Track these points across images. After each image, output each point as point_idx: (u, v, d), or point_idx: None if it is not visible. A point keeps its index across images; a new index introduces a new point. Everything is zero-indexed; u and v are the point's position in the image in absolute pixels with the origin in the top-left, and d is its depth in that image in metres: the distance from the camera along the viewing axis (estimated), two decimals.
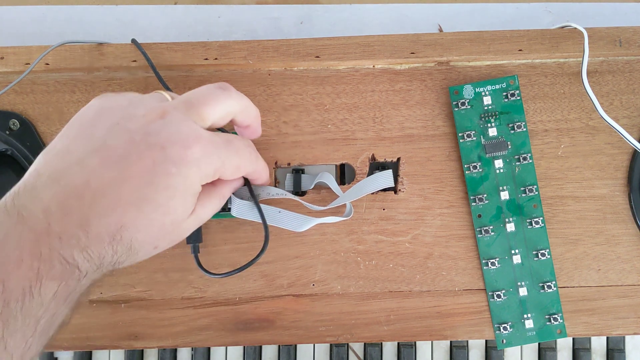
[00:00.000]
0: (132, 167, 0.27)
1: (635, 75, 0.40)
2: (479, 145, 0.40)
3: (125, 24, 0.49)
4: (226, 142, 0.31)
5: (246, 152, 0.33)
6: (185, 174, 0.28)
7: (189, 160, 0.28)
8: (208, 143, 0.29)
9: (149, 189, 0.28)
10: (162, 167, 0.28)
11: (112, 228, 0.27)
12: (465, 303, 0.40)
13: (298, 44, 0.40)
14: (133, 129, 0.28)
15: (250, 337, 0.40)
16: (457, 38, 0.40)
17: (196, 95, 0.31)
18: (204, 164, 0.29)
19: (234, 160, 0.31)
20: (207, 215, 0.33)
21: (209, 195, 0.33)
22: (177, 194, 0.29)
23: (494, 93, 0.40)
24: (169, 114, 0.29)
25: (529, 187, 0.40)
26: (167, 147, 0.28)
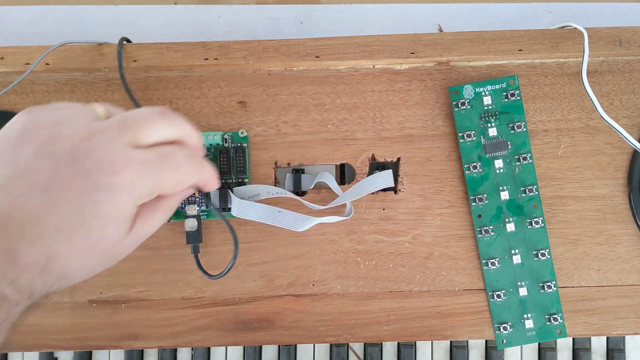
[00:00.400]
0: (60, 194, 0.26)
1: (635, 75, 0.40)
2: (479, 145, 0.40)
3: (125, 24, 0.49)
4: (161, 159, 0.29)
5: (186, 166, 0.30)
6: (116, 200, 0.27)
7: (118, 186, 0.27)
8: (139, 165, 0.28)
9: (78, 216, 0.26)
10: (90, 194, 0.26)
11: (42, 259, 0.26)
12: (465, 303, 0.40)
13: (298, 44, 0.40)
14: (59, 153, 0.26)
15: (250, 337, 0.40)
16: (457, 38, 0.40)
17: (133, 116, 0.29)
18: (137, 187, 0.28)
19: (171, 177, 0.29)
20: (151, 229, 0.31)
21: (152, 209, 0.31)
22: (108, 221, 0.27)
23: (494, 93, 0.40)
24: (96, 136, 0.27)
25: (529, 187, 0.40)
26: (94, 174, 0.26)
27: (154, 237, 0.39)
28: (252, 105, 0.40)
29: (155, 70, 0.40)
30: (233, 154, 0.40)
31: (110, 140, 0.27)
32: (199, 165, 0.31)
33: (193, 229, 0.39)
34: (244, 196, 0.39)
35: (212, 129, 0.40)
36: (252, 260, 0.40)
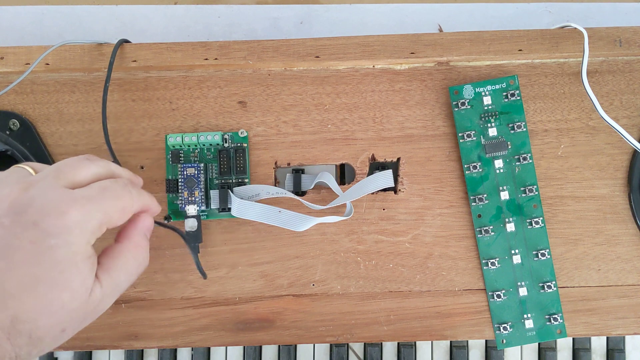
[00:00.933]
0: (11, 253, 0.26)
1: (635, 75, 0.40)
2: (479, 145, 0.40)
3: (125, 24, 0.49)
4: (102, 191, 0.29)
5: (126, 193, 0.31)
6: (70, 241, 0.27)
7: (68, 226, 0.27)
8: (83, 201, 0.28)
9: (35, 270, 0.26)
10: (42, 243, 0.26)
11: (7, 322, 0.25)
12: (465, 303, 0.40)
13: (298, 44, 0.40)
14: (1, 213, 0.27)
15: (250, 337, 0.40)
16: (457, 38, 0.40)
17: (63, 163, 0.30)
18: (86, 223, 0.28)
19: (115, 205, 0.30)
20: (125, 276, 0.31)
21: (115, 255, 0.31)
22: (67, 266, 0.27)
23: (494, 93, 0.40)
24: (33, 186, 0.28)
25: (529, 187, 0.40)
26: (41, 221, 0.26)
27: (154, 237, 0.39)
28: (252, 105, 0.40)
29: (155, 70, 0.40)
30: (233, 154, 0.40)
31: (49, 187, 0.28)
32: (137, 191, 0.32)
33: (193, 229, 0.39)
34: (244, 196, 0.39)
35: (212, 129, 0.40)
36: (253, 260, 0.40)
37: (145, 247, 0.33)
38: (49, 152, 0.40)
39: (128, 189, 0.31)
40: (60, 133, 0.40)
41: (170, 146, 0.40)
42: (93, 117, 0.40)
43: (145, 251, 0.33)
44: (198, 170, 0.39)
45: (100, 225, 0.29)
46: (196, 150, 0.40)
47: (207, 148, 0.40)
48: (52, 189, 0.28)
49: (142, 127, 0.40)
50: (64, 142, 0.40)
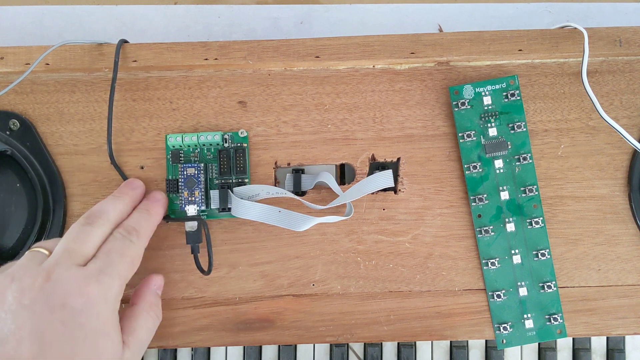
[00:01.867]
0: (47, 335, 0.29)
1: (635, 75, 0.40)
2: (479, 145, 0.40)
3: (125, 24, 0.49)
4: (108, 258, 0.32)
5: (127, 245, 0.34)
6: (96, 313, 0.30)
7: (92, 301, 0.30)
8: (98, 275, 0.31)
9: (70, 347, 0.29)
10: (73, 321, 0.29)
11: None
12: (465, 303, 0.40)
13: (298, 44, 0.40)
14: (29, 303, 0.29)
15: (250, 337, 0.40)
16: (457, 38, 0.40)
17: (71, 240, 0.33)
18: (107, 293, 0.31)
19: (126, 263, 0.33)
20: (146, 334, 0.35)
21: (134, 319, 0.34)
22: (98, 336, 0.30)
23: (494, 93, 0.40)
24: (53, 272, 0.31)
25: (529, 187, 0.40)
26: (67, 303, 0.30)
27: (154, 237, 0.39)
28: (252, 105, 0.40)
29: (155, 70, 0.40)
30: (233, 154, 0.40)
31: (65, 270, 0.31)
32: (136, 236, 0.35)
33: (193, 229, 0.39)
34: (244, 196, 0.39)
35: (212, 129, 0.40)
36: (253, 260, 0.40)
37: (158, 304, 0.37)
38: (49, 152, 0.40)
39: (127, 240, 0.34)
40: (61, 133, 0.40)
41: (170, 146, 0.40)
42: (94, 117, 0.40)
43: (158, 308, 0.37)
44: (198, 170, 0.39)
45: (120, 289, 0.32)
46: (196, 150, 0.40)
47: (207, 148, 0.40)
48: (69, 272, 0.31)
49: (143, 127, 0.40)
50: (64, 142, 0.40)
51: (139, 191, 0.38)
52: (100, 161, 0.40)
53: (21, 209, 0.40)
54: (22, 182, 0.40)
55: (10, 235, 0.40)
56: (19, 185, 0.40)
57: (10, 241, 0.40)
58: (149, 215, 0.37)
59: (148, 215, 0.37)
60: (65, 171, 0.40)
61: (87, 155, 0.40)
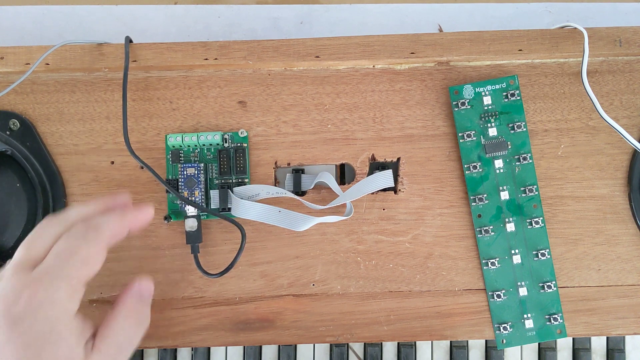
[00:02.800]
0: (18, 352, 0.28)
1: (635, 75, 0.40)
2: (479, 145, 0.40)
3: (125, 24, 0.49)
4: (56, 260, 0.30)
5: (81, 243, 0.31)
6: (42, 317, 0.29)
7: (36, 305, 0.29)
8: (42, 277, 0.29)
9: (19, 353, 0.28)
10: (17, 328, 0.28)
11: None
12: (465, 303, 0.40)
13: (298, 44, 0.40)
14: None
15: (250, 337, 0.40)
16: (457, 38, 0.40)
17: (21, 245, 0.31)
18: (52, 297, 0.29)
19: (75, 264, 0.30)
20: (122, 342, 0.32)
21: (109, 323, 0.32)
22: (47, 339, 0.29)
23: (494, 93, 0.40)
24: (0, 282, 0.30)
25: (529, 187, 0.40)
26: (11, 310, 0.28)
27: (154, 237, 0.39)
28: (252, 105, 0.40)
29: (155, 70, 0.40)
30: (233, 154, 0.40)
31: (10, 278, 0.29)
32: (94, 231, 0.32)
33: (193, 229, 0.39)
34: (244, 196, 0.39)
35: (212, 129, 0.40)
36: (253, 260, 0.40)
37: (140, 309, 0.34)
38: (49, 152, 0.40)
39: (80, 237, 0.31)
40: (61, 133, 0.40)
41: (170, 146, 0.40)
42: (94, 116, 0.40)
43: (141, 313, 0.34)
44: (198, 170, 0.39)
45: (70, 291, 0.30)
46: (196, 150, 0.40)
47: (207, 148, 0.40)
48: (13, 279, 0.29)
49: (143, 127, 0.40)
50: (64, 142, 0.40)
51: (119, 199, 0.35)
52: (100, 161, 0.40)
53: (21, 208, 0.40)
54: (22, 182, 0.40)
55: (10, 235, 0.40)
56: (19, 185, 0.40)
57: (10, 241, 0.40)
58: (120, 217, 0.34)
59: (119, 216, 0.34)
60: (65, 171, 0.40)
61: (87, 155, 0.40)
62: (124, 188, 0.40)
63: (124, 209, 0.34)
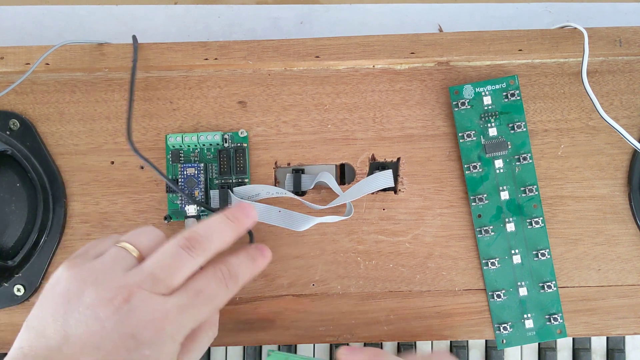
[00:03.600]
0: (109, 356, 0.28)
1: (635, 75, 0.40)
2: (479, 145, 0.40)
3: (125, 24, 0.49)
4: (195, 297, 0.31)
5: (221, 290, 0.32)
6: (160, 350, 0.29)
7: (161, 339, 0.29)
8: (177, 314, 0.30)
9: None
10: (137, 352, 0.29)
11: None
12: (465, 303, 0.40)
13: (298, 44, 0.40)
14: (103, 317, 0.29)
15: (250, 337, 0.40)
16: (457, 38, 0.40)
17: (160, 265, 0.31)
18: (178, 334, 0.30)
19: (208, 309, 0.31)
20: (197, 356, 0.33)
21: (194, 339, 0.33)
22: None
23: (494, 93, 0.40)
24: (133, 297, 0.29)
25: (529, 187, 0.40)
26: (138, 334, 0.29)
27: None
28: (252, 105, 0.40)
29: (155, 70, 0.40)
30: (233, 154, 0.40)
31: (145, 298, 0.29)
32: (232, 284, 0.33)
33: None
34: (244, 196, 0.39)
35: (212, 129, 0.40)
36: None
37: (216, 322, 0.35)
38: (49, 152, 0.40)
39: (222, 284, 0.32)
40: (61, 133, 0.40)
41: (170, 146, 0.40)
42: (94, 116, 0.40)
43: (216, 326, 0.35)
44: (198, 170, 0.39)
45: (192, 329, 0.31)
46: (196, 150, 0.40)
47: (207, 148, 0.40)
48: (148, 301, 0.29)
49: (143, 127, 0.40)
50: (64, 142, 0.40)
51: (250, 222, 0.35)
52: (100, 161, 0.40)
53: (21, 208, 0.40)
54: (22, 182, 0.40)
55: (10, 234, 0.40)
56: (19, 185, 0.40)
57: (10, 241, 0.40)
58: (253, 266, 0.34)
59: (253, 265, 0.34)
60: (65, 171, 0.40)
61: (87, 155, 0.40)
62: (124, 188, 0.40)
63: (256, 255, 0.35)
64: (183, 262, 0.31)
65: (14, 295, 0.39)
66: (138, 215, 0.40)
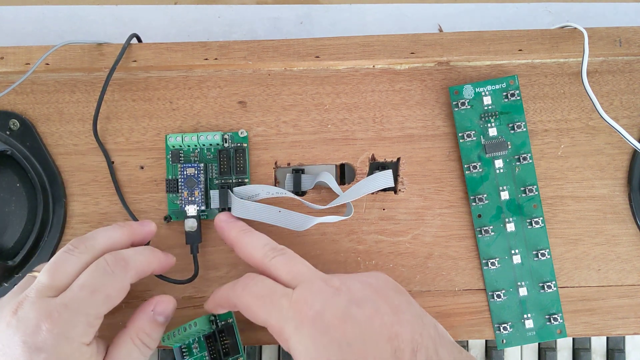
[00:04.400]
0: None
1: (635, 75, 0.40)
2: (479, 145, 0.40)
3: (125, 24, 0.49)
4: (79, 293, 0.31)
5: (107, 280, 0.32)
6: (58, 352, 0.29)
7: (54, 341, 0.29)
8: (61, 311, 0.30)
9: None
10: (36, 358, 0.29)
11: None
12: (465, 303, 0.40)
13: (298, 44, 0.40)
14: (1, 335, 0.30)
15: (250, 337, 0.40)
16: (457, 38, 0.40)
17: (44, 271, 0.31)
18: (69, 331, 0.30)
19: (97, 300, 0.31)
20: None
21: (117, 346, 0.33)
22: None
23: (494, 93, 0.40)
24: (20, 307, 0.30)
25: (529, 187, 0.40)
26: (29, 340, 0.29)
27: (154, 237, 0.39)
28: (252, 105, 0.40)
29: (155, 70, 0.40)
30: (233, 154, 0.40)
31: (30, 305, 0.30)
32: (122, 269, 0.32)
33: (193, 229, 0.39)
34: (244, 196, 0.39)
35: (212, 129, 0.40)
36: None
37: (151, 331, 0.34)
38: (49, 152, 0.40)
39: (107, 271, 0.32)
40: (61, 133, 0.40)
41: (170, 146, 0.40)
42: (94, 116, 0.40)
43: (150, 336, 0.34)
44: (198, 170, 0.39)
45: (87, 326, 0.31)
46: (196, 150, 0.40)
47: (207, 148, 0.40)
48: (34, 306, 0.30)
49: (143, 127, 0.40)
50: (64, 142, 0.40)
51: (146, 229, 0.36)
52: (100, 161, 0.40)
53: (21, 208, 0.40)
54: (22, 182, 0.40)
55: (10, 235, 0.40)
56: (19, 185, 0.40)
57: (10, 241, 0.40)
58: (149, 254, 0.34)
59: (149, 253, 0.34)
60: (65, 171, 0.40)
61: (87, 155, 0.40)
62: (124, 188, 0.40)
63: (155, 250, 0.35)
64: (64, 261, 0.32)
65: None
66: (138, 216, 0.40)
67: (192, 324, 0.35)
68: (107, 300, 0.32)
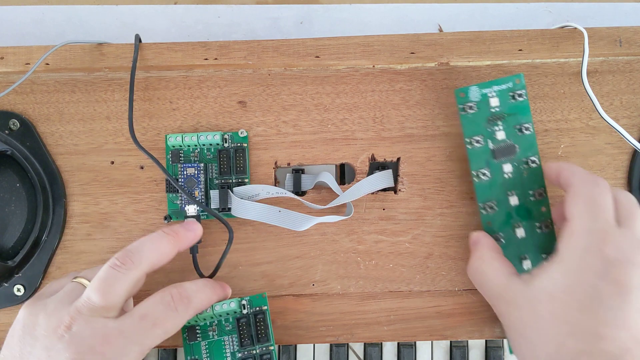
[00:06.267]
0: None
1: (635, 75, 0.40)
2: (487, 151, 0.38)
3: (126, 24, 0.49)
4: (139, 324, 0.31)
5: (169, 316, 0.32)
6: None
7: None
8: (117, 337, 0.30)
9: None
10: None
11: None
12: (465, 303, 0.40)
13: (298, 44, 0.40)
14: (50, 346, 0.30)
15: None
16: (457, 38, 0.40)
17: (93, 288, 0.31)
18: (120, 357, 0.30)
19: (154, 335, 0.32)
20: None
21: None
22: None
23: (501, 94, 0.38)
24: (74, 323, 0.30)
25: (537, 191, 0.38)
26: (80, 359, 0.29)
27: None
28: (252, 105, 0.40)
29: (155, 70, 0.40)
30: (233, 154, 0.40)
31: (85, 323, 0.30)
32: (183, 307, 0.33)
33: None
34: (244, 196, 0.39)
35: (212, 129, 0.40)
36: (253, 260, 0.40)
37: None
38: (49, 152, 0.40)
39: (171, 308, 0.32)
40: (61, 133, 0.40)
41: (170, 146, 0.40)
42: (94, 116, 0.40)
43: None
44: (198, 170, 0.39)
45: (140, 354, 0.31)
46: (196, 150, 0.40)
47: (207, 148, 0.40)
48: (88, 325, 0.30)
49: (143, 127, 0.40)
50: (64, 142, 0.40)
51: (192, 235, 0.36)
52: (100, 161, 0.40)
53: (21, 208, 0.40)
54: (22, 182, 0.40)
55: (10, 234, 0.40)
56: (19, 185, 0.40)
57: (10, 241, 0.40)
58: (211, 292, 0.35)
59: (211, 291, 0.35)
60: (65, 171, 0.40)
61: (87, 155, 0.40)
62: (124, 188, 0.40)
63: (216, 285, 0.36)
64: (114, 280, 0.31)
65: (14, 295, 0.39)
66: (138, 216, 0.40)
67: (226, 303, 0.36)
68: (164, 334, 0.32)
